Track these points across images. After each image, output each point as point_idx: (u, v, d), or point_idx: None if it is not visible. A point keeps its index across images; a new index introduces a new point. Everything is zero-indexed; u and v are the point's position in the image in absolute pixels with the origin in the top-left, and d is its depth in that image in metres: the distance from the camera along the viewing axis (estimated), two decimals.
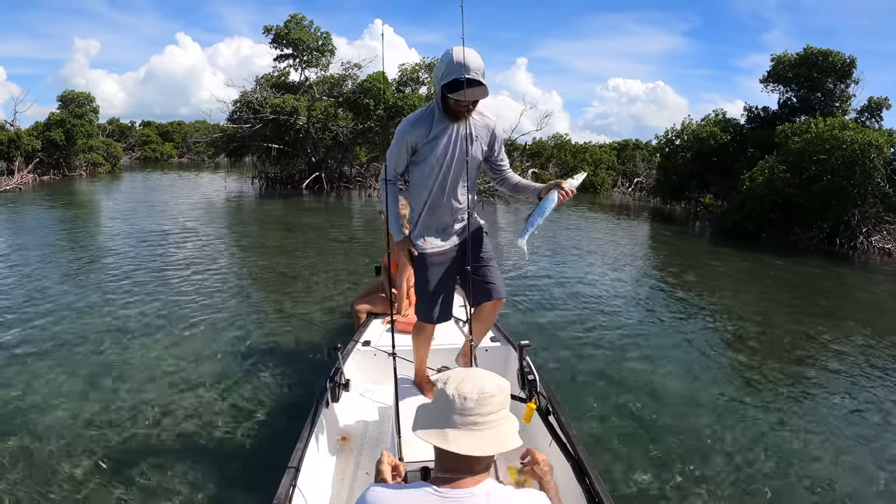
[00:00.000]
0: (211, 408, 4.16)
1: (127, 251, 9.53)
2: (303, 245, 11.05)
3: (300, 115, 21.09)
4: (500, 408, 1.41)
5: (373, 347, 3.76)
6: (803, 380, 5.20)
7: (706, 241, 15.35)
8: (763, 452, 3.78)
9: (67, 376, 4.55)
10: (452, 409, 1.37)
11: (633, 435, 3.92)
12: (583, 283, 8.67)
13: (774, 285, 9.56)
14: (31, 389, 4.28)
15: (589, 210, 21.08)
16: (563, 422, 2.75)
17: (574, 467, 2.46)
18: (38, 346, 5.20)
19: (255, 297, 7.13)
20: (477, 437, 1.36)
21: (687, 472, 3.47)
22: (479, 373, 1.47)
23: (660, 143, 21.93)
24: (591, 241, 13.43)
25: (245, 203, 19.35)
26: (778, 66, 19.42)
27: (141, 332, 5.63)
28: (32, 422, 3.79)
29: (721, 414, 4.36)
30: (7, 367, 4.67)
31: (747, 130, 19.72)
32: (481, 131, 2.76)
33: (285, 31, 22.83)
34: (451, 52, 2.49)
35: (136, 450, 3.58)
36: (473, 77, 2.46)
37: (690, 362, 5.51)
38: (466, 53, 2.47)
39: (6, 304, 6.32)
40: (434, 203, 2.79)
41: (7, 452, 3.42)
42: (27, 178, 24.78)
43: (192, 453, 3.55)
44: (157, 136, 48.63)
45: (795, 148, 14.29)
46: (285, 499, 2.20)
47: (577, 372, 5.08)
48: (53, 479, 3.23)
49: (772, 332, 6.66)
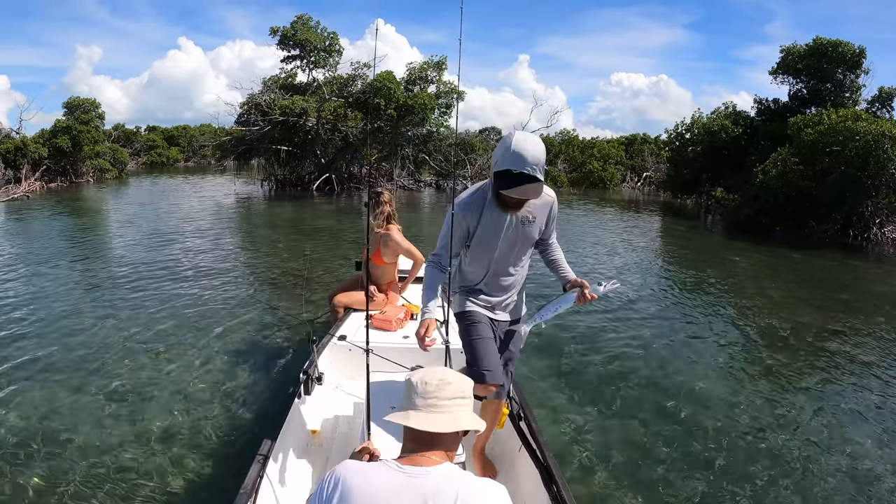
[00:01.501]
0: (183, 395, 4.31)
1: (136, 254, 9.91)
2: (314, 244, 11.39)
3: (309, 116, 21.36)
4: (458, 395, 1.58)
5: (348, 342, 3.75)
6: (834, 373, 5.31)
7: (720, 235, 15.52)
8: (805, 451, 3.81)
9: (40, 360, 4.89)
10: (416, 392, 1.57)
11: (659, 434, 3.95)
12: (595, 276, 8.84)
13: (795, 279, 9.75)
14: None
15: (598, 205, 21.27)
16: (533, 428, 2.82)
17: (542, 473, 2.53)
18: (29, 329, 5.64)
19: (251, 291, 7.49)
20: (434, 417, 1.53)
21: (718, 475, 3.49)
22: (445, 368, 1.69)
23: (670, 137, 22.16)
24: (604, 237, 13.68)
25: (256, 206, 19.63)
26: (787, 58, 19.63)
27: (115, 324, 5.92)
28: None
29: (753, 413, 4.38)
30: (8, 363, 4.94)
31: (758, 123, 19.89)
32: (540, 211, 2.61)
33: (292, 32, 23.03)
34: (511, 137, 2.27)
35: (100, 438, 3.69)
36: (529, 172, 2.25)
37: (712, 358, 5.62)
38: (526, 142, 2.25)
39: (18, 309, 6.58)
40: (486, 282, 2.72)
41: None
42: (35, 186, 24.97)
43: (161, 442, 3.65)
44: (163, 140, 49.08)
45: (809, 140, 14.48)
46: (252, 488, 2.27)
47: (590, 364, 5.22)
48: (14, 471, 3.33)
49: (797, 327, 6.73)
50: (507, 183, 2.26)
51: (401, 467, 1.49)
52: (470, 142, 24.44)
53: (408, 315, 4.41)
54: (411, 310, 4.48)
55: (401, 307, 4.53)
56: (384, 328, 4.13)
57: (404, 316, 4.34)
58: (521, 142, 2.23)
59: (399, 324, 4.23)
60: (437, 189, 24.54)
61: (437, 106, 20.61)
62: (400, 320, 4.25)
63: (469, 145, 23.86)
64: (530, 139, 2.26)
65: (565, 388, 4.70)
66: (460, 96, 22.03)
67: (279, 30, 23.48)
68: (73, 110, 29.39)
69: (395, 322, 4.19)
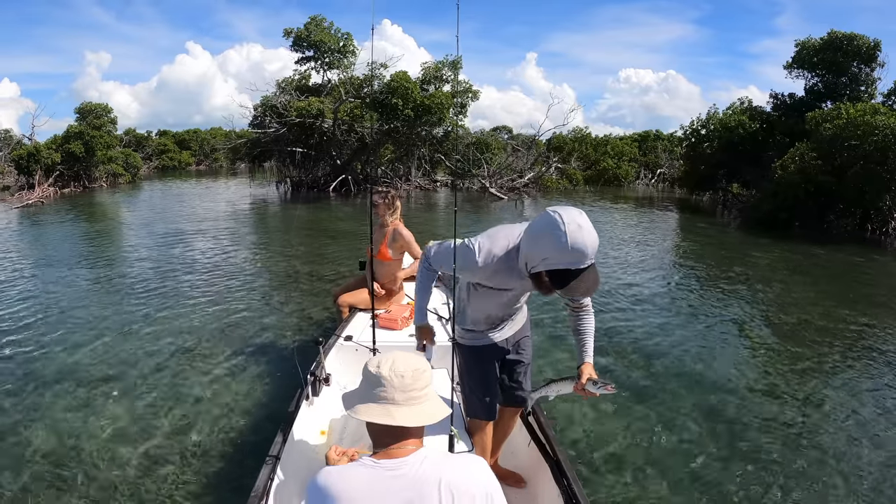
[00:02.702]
0: (191, 399, 4.42)
1: (151, 258, 10.19)
2: (333, 246, 11.71)
3: (326, 117, 21.75)
4: (429, 382, 1.60)
5: (354, 342, 3.83)
6: (869, 368, 5.42)
7: (740, 230, 15.75)
8: (845, 447, 3.89)
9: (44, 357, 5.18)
10: (392, 386, 1.53)
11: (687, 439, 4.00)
12: (619, 275, 9.11)
13: (821, 274, 9.99)
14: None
15: (614, 203, 21.52)
16: (542, 422, 2.85)
17: (553, 468, 2.58)
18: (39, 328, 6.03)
19: (262, 294, 7.69)
20: (416, 409, 1.54)
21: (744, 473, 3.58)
22: (402, 353, 1.64)
23: (685, 133, 22.51)
24: (624, 234, 13.99)
25: (273, 208, 19.99)
26: (802, 52, 19.83)
27: (126, 325, 6.16)
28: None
29: (789, 412, 4.45)
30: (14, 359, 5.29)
31: (774, 118, 20.16)
32: None
33: (306, 33, 23.48)
34: (563, 230, 1.92)
35: (111, 440, 3.80)
36: (589, 263, 1.97)
37: (741, 351, 5.80)
38: (583, 233, 1.92)
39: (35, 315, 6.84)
40: (491, 313, 2.62)
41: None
42: (48, 192, 25.36)
43: (171, 445, 3.75)
44: (174, 144, 49.75)
45: (828, 135, 14.74)
46: (263, 490, 2.31)
47: (610, 358, 5.38)
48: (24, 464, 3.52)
49: (828, 322, 6.81)
50: (565, 279, 1.97)
51: (377, 463, 1.49)
52: (485, 141, 24.80)
53: (413, 314, 4.33)
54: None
55: (406, 305, 4.61)
56: (390, 327, 4.21)
57: (410, 314, 4.35)
58: (578, 233, 1.91)
59: (405, 322, 4.30)
60: (452, 189, 24.90)
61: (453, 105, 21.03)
62: (405, 319, 4.32)
63: (484, 144, 24.22)
64: (585, 227, 1.94)
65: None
66: (475, 95, 22.48)
67: (293, 31, 23.90)
68: (85, 115, 29.79)
69: (400, 321, 4.26)
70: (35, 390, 4.60)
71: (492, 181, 22.54)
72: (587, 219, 1.97)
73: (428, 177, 24.60)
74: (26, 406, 4.34)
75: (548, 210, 2.01)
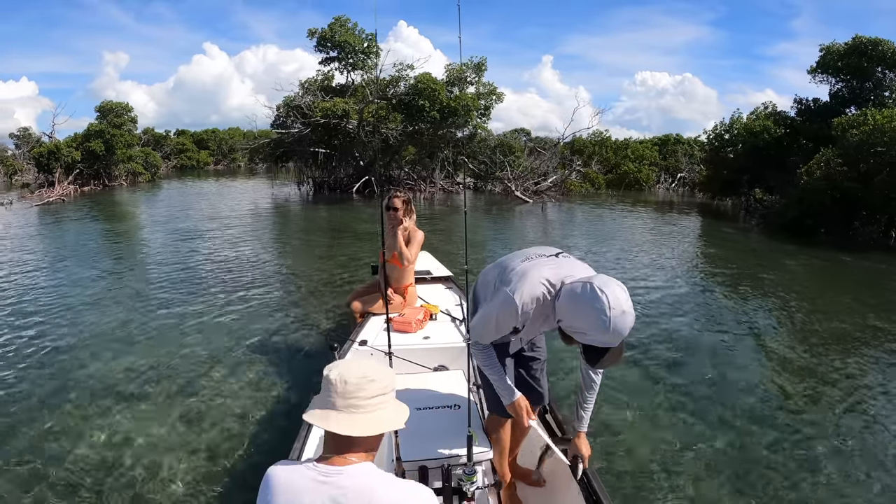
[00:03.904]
0: (210, 404, 4.50)
1: (174, 259, 10.58)
2: (356, 248, 11.88)
3: (351, 118, 22.25)
4: (380, 393, 1.54)
5: (369, 347, 3.88)
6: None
7: (765, 236, 15.94)
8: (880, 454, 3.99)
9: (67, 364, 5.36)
10: (336, 392, 1.52)
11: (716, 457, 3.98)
12: (649, 279, 9.37)
13: (853, 282, 10.10)
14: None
15: (634, 207, 21.74)
16: (559, 419, 2.93)
17: (571, 467, 2.62)
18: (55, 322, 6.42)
19: (280, 299, 7.84)
20: (355, 418, 1.50)
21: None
22: (366, 362, 1.63)
23: (709, 137, 22.93)
24: (650, 238, 14.38)
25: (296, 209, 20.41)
26: (826, 56, 20.12)
27: (144, 330, 6.34)
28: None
29: (821, 417, 4.53)
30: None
31: (798, 123, 20.46)
32: None
33: (330, 33, 23.99)
34: (606, 309, 1.97)
35: (133, 446, 3.89)
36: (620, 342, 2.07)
37: (774, 358, 5.87)
38: (626, 318, 1.99)
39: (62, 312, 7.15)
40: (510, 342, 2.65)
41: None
42: (69, 190, 25.87)
43: (190, 450, 3.83)
44: (192, 144, 50.87)
45: (854, 141, 15.02)
46: None
47: (637, 361, 5.51)
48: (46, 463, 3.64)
49: (864, 330, 6.86)
50: (598, 354, 2.08)
51: (316, 466, 1.50)
52: (508, 143, 25.27)
53: (427, 316, 4.51)
54: (430, 310, 4.60)
55: (419, 308, 4.64)
56: (404, 330, 4.24)
57: (423, 317, 4.44)
58: (621, 319, 1.98)
59: (419, 325, 4.34)
60: (475, 191, 25.33)
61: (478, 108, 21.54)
62: (420, 321, 4.36)
63: (507, 146, 24.72)
64: (628, 311, 2.01)
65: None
66: (499, 97, 22.99)
67: (317, 32, 24.40)
68: (105, 114, 30.31)
69: (414, 324, 4.29)
70: (57, 392, 4.78)
71: (516, 184, 22.98)
72: (629, 301, 2.02)
73: (450, 178, 25.07)
74: (51, 406, 4.53)
75: (594, 284, 2.04)
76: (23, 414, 4.38)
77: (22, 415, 4.36)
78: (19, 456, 3.78)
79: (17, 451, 3.84)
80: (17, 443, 3.96)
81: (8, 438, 4.01)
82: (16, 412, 4.41)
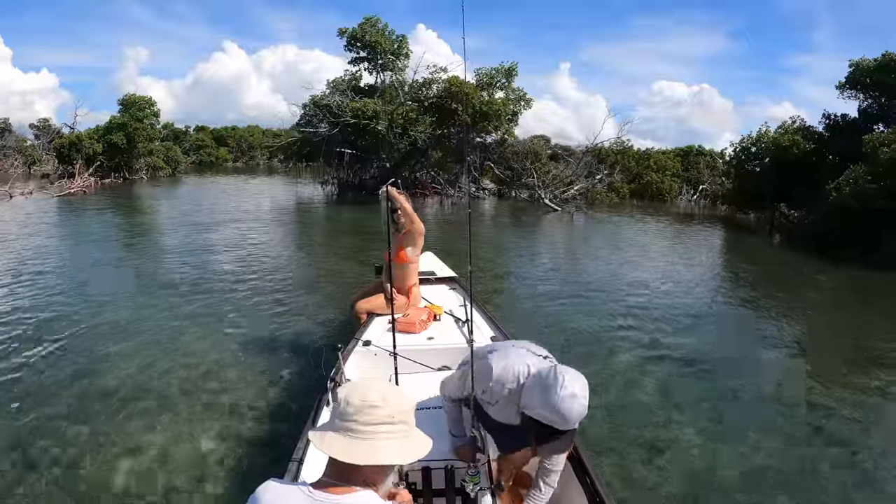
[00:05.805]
0: (214, 405, 4.63)
1: (195, 255, 11.03)
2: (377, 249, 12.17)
3: (380, 119, 22.72)
4: (385, 421, 1.44)
5: (374, 347, 3.94)
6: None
7: (793, 252, 16.20)
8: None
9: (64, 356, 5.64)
10: (337, 413, 1.48)
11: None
12: (679, 293, 9.65)
13: (883, 303, 10.27)
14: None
15: (657, 219, 21.98)
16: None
17: (576, 466, 2.67)
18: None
19: (289, 299, 8.06)
20: (350, 444, 1.42)
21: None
22: (383, 386, 1.53)
23: (735, 150, 23.44)
24: (678, 251, 14.82)
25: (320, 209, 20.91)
26: (856, 72, 20.43)
27: (156, 327, 6.57)
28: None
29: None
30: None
31: (827, 139, 20.83)
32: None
33: (361, 33, 24.51)
34: (559, 394, 2.19)
35: (136, 445, 4.01)
36: (571, 428, 2.25)
37: (808, 382, 5.87)
38: (576, 402, 2.20)
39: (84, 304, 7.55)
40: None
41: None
42: (89, 181, 26.49)
43: (194, 450, 3.94)
44: (212, 140, 51.79)
45: (885, 159, 15.50)
46: None
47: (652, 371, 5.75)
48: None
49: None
50: (546, 433, 2.27)
51: (311, 492, 1.43)
52: (535, 149, 25.78)
53: (431, 316, 4.63)
54: (434, 311, 4.72)
55: (423, 308, 4.75)
56: (408, 331, 4.32)
57: (427, 317, 4.54)
58: (570, 401, 2.18)
59: (423, 325, 4.44)
60: (499, 197, 25.63)
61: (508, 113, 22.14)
62: (423, 322, 4.46)
63: (534, 153, 25.22)
64: (579, 396, 2.21)
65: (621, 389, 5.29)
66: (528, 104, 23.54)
67: (347, 31, 24.92)
68: (128, 107, 30.69)
69: (418, 324, 4.41)
70: (72, 385, 5.06)
71: (545, 191, 23.38)
72: (585, 391, 2.24)
73: (476, 183, 25.46)
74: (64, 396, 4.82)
75: (557, 367, 2.31)
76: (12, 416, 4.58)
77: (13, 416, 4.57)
78: (7, 454, 3.96)
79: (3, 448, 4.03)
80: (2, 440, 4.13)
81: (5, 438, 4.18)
82: (12, 412, 4.62)
